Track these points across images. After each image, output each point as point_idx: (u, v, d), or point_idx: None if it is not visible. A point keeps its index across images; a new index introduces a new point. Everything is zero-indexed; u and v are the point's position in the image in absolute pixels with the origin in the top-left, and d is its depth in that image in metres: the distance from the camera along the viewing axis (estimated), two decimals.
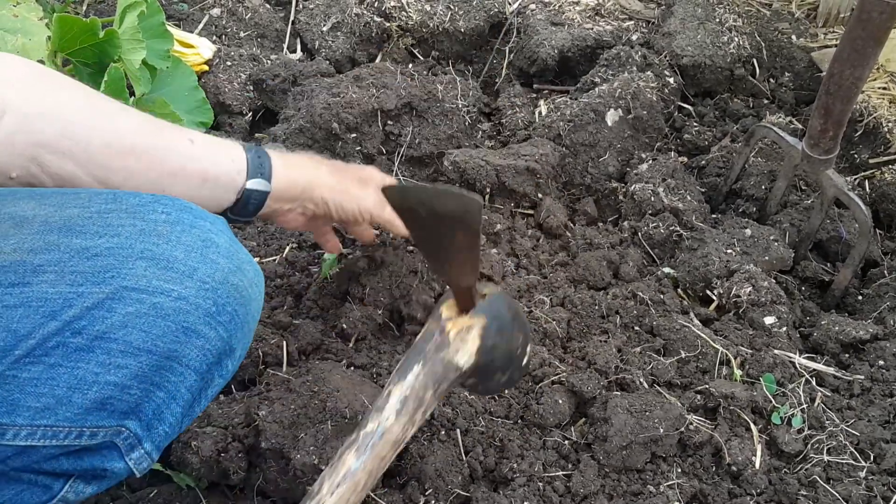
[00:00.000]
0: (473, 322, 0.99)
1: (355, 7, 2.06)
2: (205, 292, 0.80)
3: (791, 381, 1.31)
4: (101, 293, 0.76)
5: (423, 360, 0.98)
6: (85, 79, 1.48)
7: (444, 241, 0.92)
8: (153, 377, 0.79)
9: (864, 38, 1.30)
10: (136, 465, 0.83)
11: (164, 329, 0.78)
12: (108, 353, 0.77)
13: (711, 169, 1.77)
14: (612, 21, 2.11)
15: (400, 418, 0.95)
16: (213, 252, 0.82)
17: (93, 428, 0.78)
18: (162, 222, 0.81)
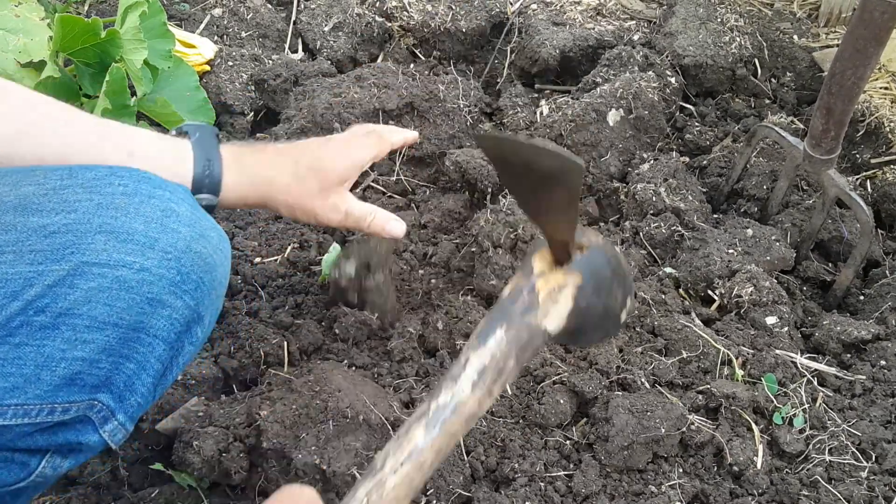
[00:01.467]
0: (567, 280, 0.88)
1: (357, 7, 2.06)
2: (168, 262, 0.79)
3: (792, 382, 1.31)
4: (61, 270, 0.76)
5: (507, 322, 0.87)
6: (86, 79, 1.49)
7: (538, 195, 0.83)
8: (121, 350, 0.79)
9: (866, 38, 1.30)
10: (111, 437, 0.83)
11: (128, 302, 0.77)
12: (73, 329, 0.76)
13: (713, 169, 1.77)
14: (614, 21, 2.11)
15: (476, 390, 0.85)
16: (173, 221, 0.81)
17: (64, 404, 0.78)
18: (119, 195, 0.80)
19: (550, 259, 0.90)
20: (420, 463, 0.83)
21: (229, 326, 1.37)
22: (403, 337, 1.34)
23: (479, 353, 0.86)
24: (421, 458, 0.83)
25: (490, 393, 0.86)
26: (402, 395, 1.25)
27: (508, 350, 0.86)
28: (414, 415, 0.86)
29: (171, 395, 1.22)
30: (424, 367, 1.32)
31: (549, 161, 0.78)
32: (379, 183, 1.72)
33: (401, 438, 0.84)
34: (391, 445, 0.84)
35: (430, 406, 0.85)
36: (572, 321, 0.88)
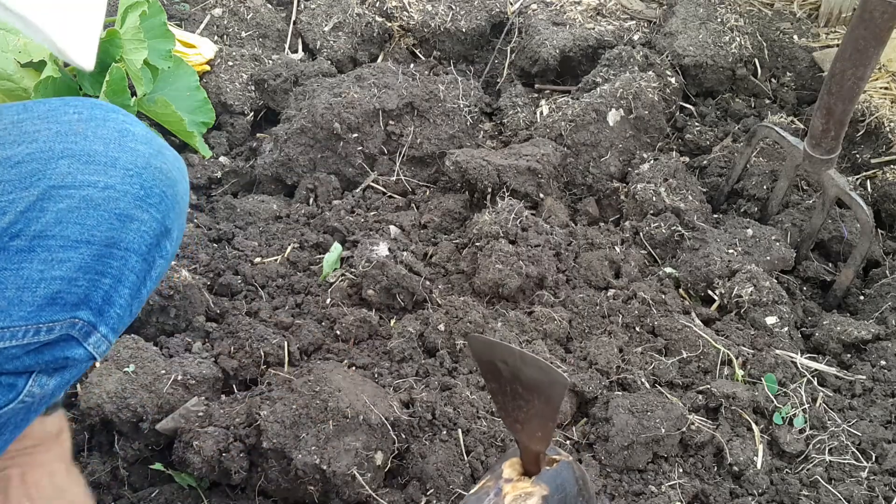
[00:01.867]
0: (534, 490, 0.92)
1: (357, 7, 2.06)
2: (130, 178, 0.82)
3: (793, 381, 1.31)
4: (31, 196, 0.78)
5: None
6: (86, 79, 1.48)
7: (519, 404, 0.88)
8: (96, 266, 0.81)
9: (866, 38, 1.30)
10: (95, 349, 0.85)
11: (97, 219, 0.80)
12: (48, 250, 0.79)
13: (713, 169, 1.77)
14: (614, 21, 2.11)
15: None
16: (130, 140, 0.84)
17: (48, 323, 0.80)
18: (76, 121, 0.83)
19: (520, 469, 0.95)
20: None
21: (230, 326, 1.37)
22: (403, 337, 1.34)
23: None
24: None
25: None
26: (402, 395, 1.25)
27: None
28: None
29: (171, 396, 1.22)
30: (424, 367, 1.32)
31: (536, 373, 0.82)
32: (379, 183, 1.72)
33: None
34: None
35: None
36: None
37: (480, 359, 0.90)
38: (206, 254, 1.54)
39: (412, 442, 1.20)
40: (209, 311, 1.41)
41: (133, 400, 1.19)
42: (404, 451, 1.20)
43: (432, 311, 1.39)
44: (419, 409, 1.23)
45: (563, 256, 1.49)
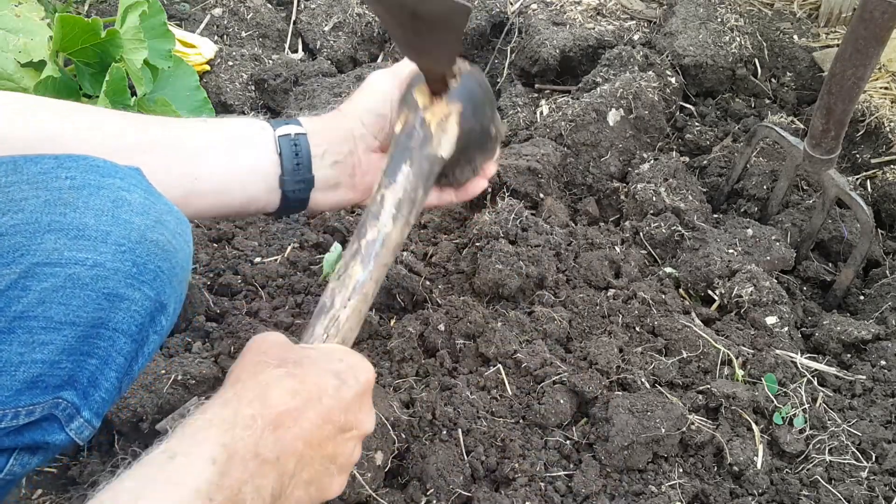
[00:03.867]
0: (450, 109, 0.97)
1: (357, 7, 2.06)
2: (122, 255, 0.77)
3: (793, 381, 1.31)
4: (13, 273, 0.74)
5: (409, 158, 0.96)
6: (86, 79, 1.49)
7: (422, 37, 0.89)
8: (82, 347, 0.78)
9: (867, 38, 1.30)
10: (78, 435, 0.82)
11: (84, 299, 0.76)
12: (29, 331, 0.75)
13: (713, 169, 1.77)
14: (614, 21, 2.11)
15: (397, 222, 0.95)
16: (125, 211, 0.78)
17: (28, 406, 0.77)
18: (67, 189, 0.77)
19: (429, 91, 1.00)
20: (364, 294, 0.93)
21: (230, 326, 1.37)
22: (403, 337, 1.34)
23: (393, 190, 0.96)
24: (364, 289, 0.93)
25: (408, 223, 0.98)
26: (402, 395, 1.25)
27: (416, 182, 0.97)
28: (347, 254, 0.95)
29: (171, 396, 1.22)
30: (424, 367, 1.32)
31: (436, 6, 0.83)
32: None
33: (342, 278, 0.93)
34: (334, 284, 0.93)
35: (361, 244, 0.95)
36: (459, 144, 1.00)
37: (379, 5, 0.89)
38: (206, 254, 1.54)
39: (412, 442, 1.20)
40: (209, 310, 1.41)
41: (133, 400, 1.19)
42: (404, 451, 1.20)
43: (432, 311, 1.39)
44: (419, 409, 1.23)
45: (563, 256, 1.49)
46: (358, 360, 0.86)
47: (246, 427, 0.71)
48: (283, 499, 0.75)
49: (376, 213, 0.95)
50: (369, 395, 0.86)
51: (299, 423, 0.75)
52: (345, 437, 0.81)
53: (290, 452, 0.74)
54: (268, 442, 0.72)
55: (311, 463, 0.77)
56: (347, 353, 0.87)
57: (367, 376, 0.85)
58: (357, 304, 0.92)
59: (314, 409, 0.77)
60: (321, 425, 0.77)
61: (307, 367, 0.80)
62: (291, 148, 1.04)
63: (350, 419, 0.81)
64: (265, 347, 0.83)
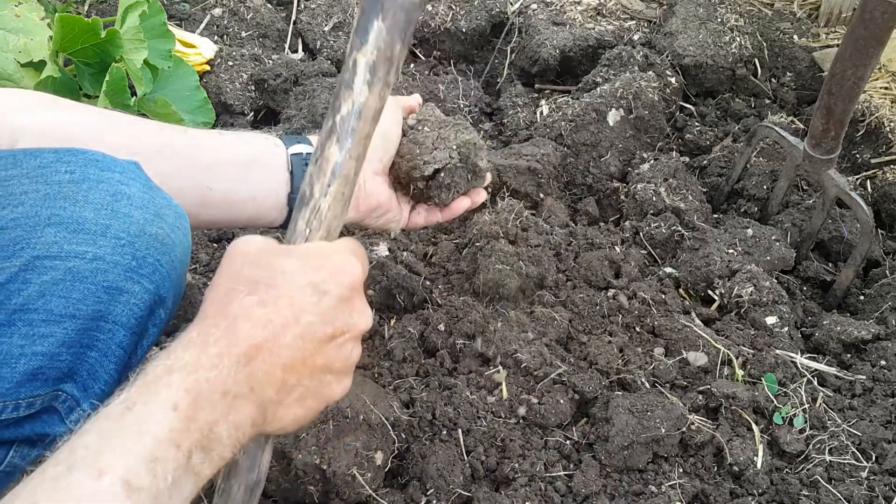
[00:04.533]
0: None
1: (357, 7, 2.05)
2: (121, 248, 0.78)
3: (793, 381, 1.31)
4: (13, 267, 0.75)
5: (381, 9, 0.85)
6: (86, 79, 1.48)
7: None
8: (81, 340, 0.78)
9: (867, 38, 1.30)
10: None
11: (83, 292, 0.76)
12: (29, 324, 0.75)
13: (713, 169, 1.76)
14: (614, 21, 2.11)
15: (374, 88, 0.85)
16: (124, 205, 0.79)
17: (28, 399, 0.78)
18: (66, 182, 0.78)
19: None
20: (345, 176, 0.85)
21: None
22: (403, 337, 1.34)
23: (364, 52, 0.85)
24: (344, 171, 0.84)
25: (387, 84, 0.87)
26: (402, 395, 1.25)
27: (391, 37, 0.85)
28: (321, 134, 0.86)
29: None
30: (424, 367, 1.32)
31: None
32: None
33: (319, 162, 0.85)
34: (312, 170, 0.85)
35: (335, 120, 0.85)
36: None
37: None
38: (205, 254, 1.53)
39: (412, 442, 1.20)
40: None
41: None
42: (404, 451, 1.20)
43: (432, 311, 1.39)
44: (419, 410, 1.23)
45: (563, 256, 1.49)
46: (340, 262, 0.79)
47: (212, 367, 0.68)
48: (275, 421, 0.73)
49: (349, 82, 0.85)
50: (357, 293, 0.80)
51: (275, 352, 0.71)
52: (336, 343, 0.77)
53: (266, 382, 0.71)
54: (238, 378, 0.69)
55: (297, 385, 0.73)
56: (329, 254, 0.80)
57: (352, 277, 0.79)
58: (338, 189, 0.84)
59: (291, 333, 0.73)
60: (301, 346, 0.73)
61: (282, 287, 0.75)
62: (302, 168, 1.04)
63: (338, 326, 0.76)
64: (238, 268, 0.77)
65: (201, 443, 0.65)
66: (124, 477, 0.60)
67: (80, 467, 0.60)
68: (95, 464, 0.60)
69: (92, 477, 0.59)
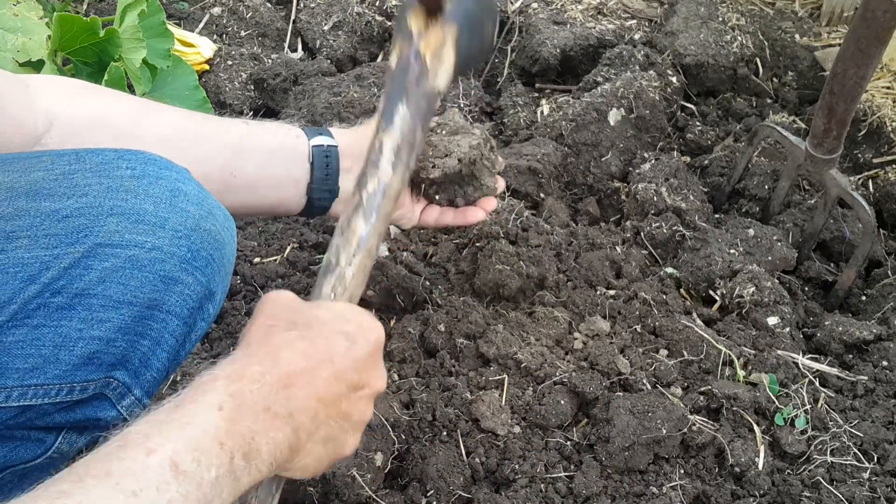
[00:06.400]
0: (445, 34, 0.94)
1: (356, 6, 2.05)
2: (178, 240, 0.81)
3: (794, 382, 1.31)
4: (76, 252, 0.77)
5: (405, 97, 0.93)
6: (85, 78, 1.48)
7: None
8: (136, 327, 0.80)
9: (868, 38, 1.30)
10: (129, 412, 0.84)
11: (141, 280, 0.79)
12: (89, 309, 0.78)
13: (714, 168, 1.76)
14: (615, 20, 2.11)
15: (397, 169, 0.93)
16: (181, 201, 0.83)
17: (83, 383, 0.80)
18: (128, 178, 0.82)
19: (424, 13, 0.96)
20: (369, 249, 0.91)
21: (229, 327, 1.36)
22: (404, 337, 1.33)
23: (390, 134, 0.93)
24: (368, 244, 0.91)
25: (408, 167, 0.95)
26: (402, 395, 1.25)
27: (414, 123, 0.93)
28: (349, 209, 0.92)
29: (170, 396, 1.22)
30: (424, 368, 1.31)
31: None
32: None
33: (346, 233, 0.91)
34: (338, 241, 0.91)
35: (362, 196, 0.92)
36: (457, 70, 0.97)
37: None
38: None
39: (412, 443, 1.20)
40: None
41: None
42: (404, 453, 1.20)
43: (432, 311, 1.39)
44: (419, 410, 1.22)
45: (563, 256, 1.48)
46: (367, 320, 0.86)
47: (254, 381, 0.71)
48: (303, 453, 0.75)
49: (375, 162, 0.92)
50: (380, 353, 0.86)
51: (312, 382, 0.75)
52: (357, 395, 0.81)
53: (303, 409, 0.74)
54: (279, 398, 0.72)
55: (326, 421, 0.77)
56: (357, 314, 0.86)
57: (377, 335, 0.85)
58: (362, 260, 0.90)
59: (326, 369, 0.77)
60: (334, 384, 0.77)
61: (317, 329, 0.81)
62: (323, 159, 1.10)
63: (362, 377, 0.81)
64: (275, 310, 0.83)
65: (243, 448, 0.68)
66: (172, 458, 0.63)
67: (131, 446, 0.63)
68: (145, 443, 0.63)
69: (142, 454, 0.63)
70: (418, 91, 0.94)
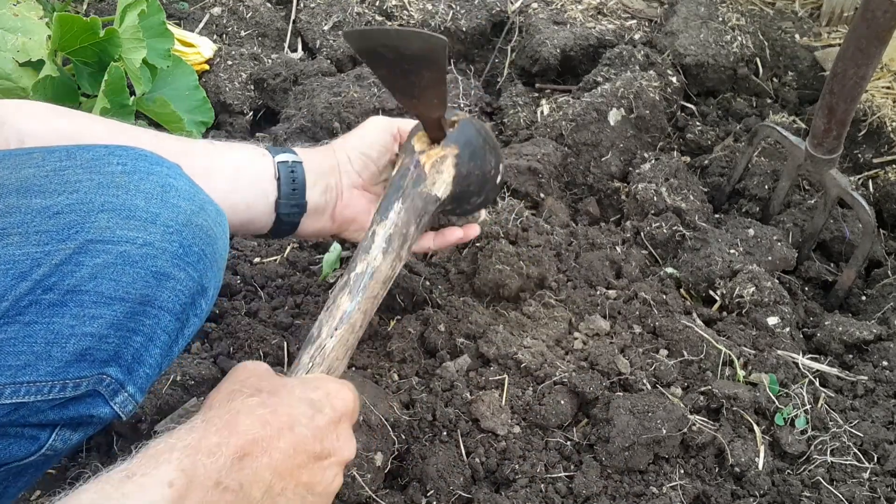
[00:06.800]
0: (446, 152, 1.01)
1: (357, 6, 2.05)
2: (170, 235, 0.81)
3: (794, 382, 1.31)
4: (67, 249, 0.77)
5: (401, 196, 0.99)
6: (85, 78, 1.48)
7: (410, 79, 0.93)
8: (129, 323, 0.80)
9: (868, 38, 1.30)
10: (122, 409, 0.85)
11: (133, 276, 0.79)
12: (80, 305, 0.78)
13: (714, 168, 1.76)
14: (615, 20, 2.11)
15: (387, 256, 0.98)
16: (173, 196, 0.83)
17: (75, 379, 0.80)
18: (119, 173, 0.82)
19: (427, 139, 1.04)
20: (352, 325, 0.96)
21: (229, 327, 1.36)
22: (404, 337, 1.33)
23: (383, 225, 1.00)
24: (351, 320, 0.95)
25: (400, 257, 1.01)
26: (402, 395, 1.25)
27: (408, 218, 1.00)
28: (336, 287, 0.97)
29: (170, 397, 1.22)
30: (424, 368, 1.31)
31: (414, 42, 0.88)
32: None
33: (330, 309, 0.96)
34: (323, 316, 0.95)
35: (350, 276, 0.98)
36: (457, 186, 1.04)
37: (364, 50, 0.93)
38: None
39: (412, 443, 1.20)
40: None
41: None
42: (404, 453, 1.20)
43: (432, 311, 1.39)
44: (419, 410, 1.22)
45: (563, 256, 1.48)
46: (336, 388, 0.88)
47: (209, 454, 0.72)
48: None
49: (367, 248, 0.98)
50: (347, 421, 0.88)
51: (268, 452, 0.76)
52: (322, 465, 0.82)
53: (255, 482, 0.75)
54: (231, 471, 0.73)
55: (282, 493, 0.77)
56: (326, 381, 0.89)
57: (346, 403, 0.87)
58: (344, 334, 0.94)
59: (285, 439, 0.78)
60: (293, 455, 0.78)
61: (282, 397, 0.82)
62: (289, 174, 1.12)
63: (326, 447, 0.82)
64: (244, 376, 0.85)
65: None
66: None
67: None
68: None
69: None
70: (414, 191, 1.00)
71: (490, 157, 1.08)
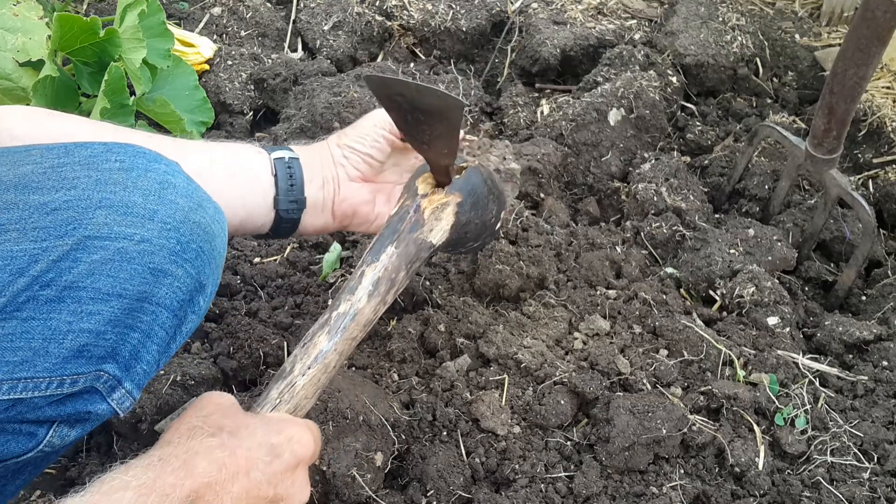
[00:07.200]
0: (449, 199, 1.00)
1: (357, 6, 2.05)
2: (167, 232, 0.81)
3: (794, 382, 1.31)
4: (65, 245, 0.77)
5: (396, 240, 0.98)
6: (85, 78, 1.48)
7: (422, 127, 0.93)
8: (126, 320, 0.81)
9: (868, 38, 1.30)
10: (119, 405, 0.85)
11: (131, 272, 0.79)
12: (78, 301, 0.78)
13: (714, 168, 1.76)
14: (615, 20, 2.11)
15: (372, 300, 0.96)
16: (170, 193, 0.83)
17: (73, 376, 0.80)
18: (116, 170, 0.82)
19: (433, 182, 1.02)
20: (325, 364, 0.94)
21: (229, 327, 1.36)
22: (404, 337, 1.33)
23: (373, 267, 0.98)
24: (326, 360, 0.94)
25: (384, 301, 0.99)
26: (402, 395, 1.25)
27: (399, 264, 0.98)
28: (316, 324, 0.95)
29: (170, 396, 1.22)
30: (424, 368, 1.31)
31: (433, 100, 0.87)
32: None
33: (306, 345, 0.94)
34: (298, 352, 0.94)
35: (331, 315, 0.96)
36: (454, 233, 1.01)
37: (380, 95, 0.93)
38: None
39: (412, 443, 1.20)
40: (208, 310, 1.41)
41: None
42: (404, 453, 1.20)
43: (432, 311, 1.39)
44: (419, 410, 1.22)
45: (563, 256, 1.48)
46: (298, 433, 0.88)
47: (163, 495, 0.73)
48: None
49: (352, 288, 0.97)
50: (304, 468, 0.89)
51: (220, 497, 0.77)
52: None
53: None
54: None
55: None
56: (289, 424, 0.89)
57: (306, 449, 0.88)
58: (316, 374, 0.93)
59: (239, 484, 0.79)
60: (244, 499, 0.80)
61: (242, 439, 0.83)
62: (286, 170, 1.12)
63: (280, 492, 0.83)
64: (209, 410, 0.86)
65: None
66: None
67: None
68: None
69: None
70: (410, 236, 0.99)
71: (492, 205, 1.07)
